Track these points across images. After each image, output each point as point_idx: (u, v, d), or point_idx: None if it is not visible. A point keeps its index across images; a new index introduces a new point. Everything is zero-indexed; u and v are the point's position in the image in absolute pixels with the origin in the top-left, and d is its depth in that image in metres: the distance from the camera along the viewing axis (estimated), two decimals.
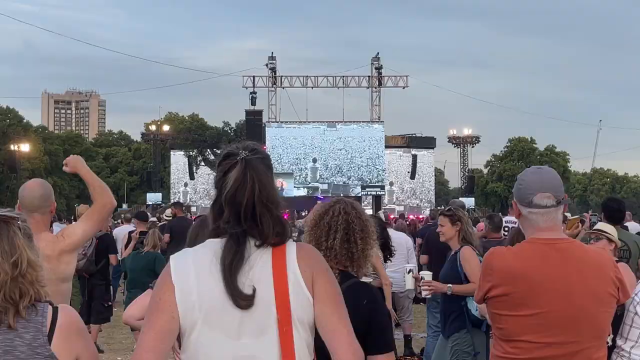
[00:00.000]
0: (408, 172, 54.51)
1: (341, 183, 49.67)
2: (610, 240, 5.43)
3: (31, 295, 2.25)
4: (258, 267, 2.08)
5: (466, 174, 59.75)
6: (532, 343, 2.77)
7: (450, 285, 5.63)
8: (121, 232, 12.03)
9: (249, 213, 2.11)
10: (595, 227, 5.72)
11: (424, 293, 6.06)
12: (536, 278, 2.79)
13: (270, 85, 50.16)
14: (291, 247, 2.14)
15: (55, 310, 2.29)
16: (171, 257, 2.17)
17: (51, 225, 11.66)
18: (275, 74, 50.03)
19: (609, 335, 3.07)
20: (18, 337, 2.20)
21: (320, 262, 2.18)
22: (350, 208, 3.06)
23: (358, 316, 2.51)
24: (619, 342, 3.07)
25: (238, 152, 2.17)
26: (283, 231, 2.15)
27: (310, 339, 2.11)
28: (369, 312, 2.74)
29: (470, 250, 5.63)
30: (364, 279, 3.07)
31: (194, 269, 2.09)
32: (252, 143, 2.26)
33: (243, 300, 2.02)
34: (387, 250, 7.87)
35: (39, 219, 3.92)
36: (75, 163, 4.13)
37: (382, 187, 50.62)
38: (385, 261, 7.88)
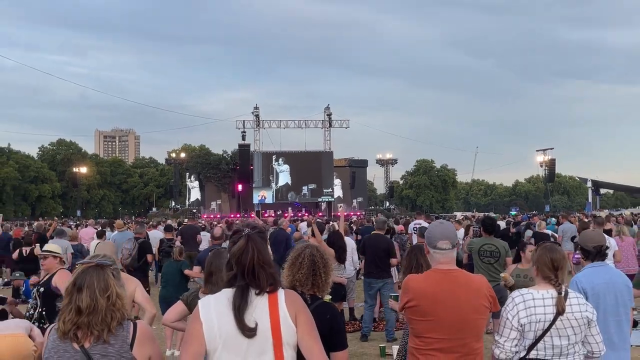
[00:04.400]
0: (349, 184, 54.69)
1: (302, 194, 49.70)
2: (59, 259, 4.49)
3: (119, 318, 2.25)
4: (258, 308, 2.07)
5: (388, 184, 60.21)
6: (432, 339, 2.81)
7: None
8: (154, 236, 11.79)
9: (250, 271, 2.10)
10: (44, 249, 4.54)
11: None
12: (436, 296, 2.82)
13: (255, 126, 50.04)
14: (281, 294, 2.12)
15: (135, 325, 2.29)
16: (199, 301, 2.16)
17: (104, 234, 11.45)
18: (258, 118, 49.93)
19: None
20: (110, 347, 2.21)
21: (300, 303, 2.15)
22: (316, 251, 2.95)
23: (323, 325, 2.49)
24: (496, 337, 2.96)
25: (243, 230, 2.20)
26: (274, 283, 2.13)
27: (294, 355, 2.11)
28: (330, 323, 2.72)
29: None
30: (326, 297, 3.06)
31: (215, 309, 2.08)
32: (253, 222, 2.33)
33: (248, 332, 2.02)
34: (343, 254, 7.67)
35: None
36: None
37: (333, 196, 50.76)
38: (339, 262, 7.65)
